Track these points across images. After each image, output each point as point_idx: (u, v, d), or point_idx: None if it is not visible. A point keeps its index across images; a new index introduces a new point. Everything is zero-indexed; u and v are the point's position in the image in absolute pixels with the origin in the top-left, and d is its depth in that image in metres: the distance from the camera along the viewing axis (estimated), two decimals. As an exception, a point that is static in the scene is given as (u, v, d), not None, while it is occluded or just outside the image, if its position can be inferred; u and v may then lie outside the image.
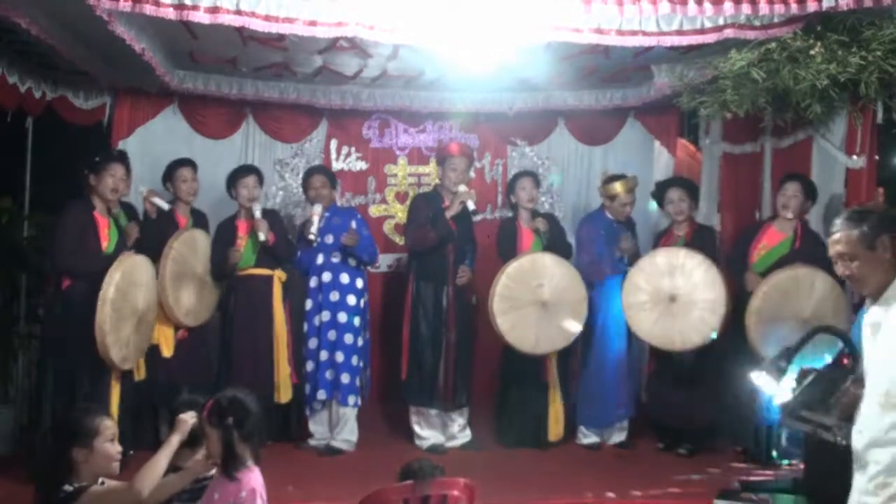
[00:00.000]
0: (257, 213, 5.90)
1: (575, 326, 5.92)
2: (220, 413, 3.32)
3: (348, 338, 5.94)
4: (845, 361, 3.73)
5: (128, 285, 5.08)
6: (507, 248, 6.14)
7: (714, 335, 5.68)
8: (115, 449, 3.21)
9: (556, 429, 6.13)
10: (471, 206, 6.07)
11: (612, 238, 6.17)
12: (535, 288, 5.89)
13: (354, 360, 5.95)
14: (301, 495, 4.96)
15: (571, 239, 6.46)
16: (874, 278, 2.91)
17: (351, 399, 5.92)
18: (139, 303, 5.21)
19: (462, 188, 6.08)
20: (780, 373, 3.46)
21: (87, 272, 5.09)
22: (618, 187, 6.21)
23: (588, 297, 6.01)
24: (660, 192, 6.22)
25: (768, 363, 3.56)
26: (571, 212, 7.07)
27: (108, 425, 3.21)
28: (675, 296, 5.72)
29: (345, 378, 5.91)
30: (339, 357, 5.92)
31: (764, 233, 5.79)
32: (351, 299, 5.98)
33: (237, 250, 5.90)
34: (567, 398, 6.17)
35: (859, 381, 2.98)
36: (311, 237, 5.91)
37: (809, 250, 5.53)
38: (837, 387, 3.14)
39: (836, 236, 2.96)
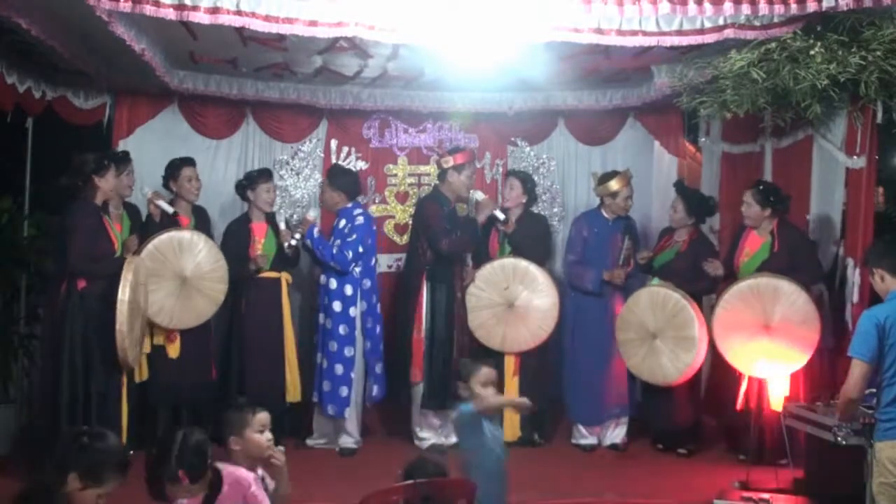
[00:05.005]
0: (282, 224, 6.03)
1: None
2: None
3: (332, 345, 5.93)
4: None
5: (136, 286, 5.11)
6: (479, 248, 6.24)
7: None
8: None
9: (509, 431, 5.84)
10: (500, 215, 6.15)
11: (606, 237, 6.17)
12: (503, 290, 6.04)
13: (339, 370, 5.90)
14: (301, 495, 4.95)
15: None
16: None
17: (331, 409, 5.89)
18: (142, 302, 5.26)
19: (480, 195, 6.19)
20: None
21: (103, 274, 5.12)
22: (615, 184, 6.21)
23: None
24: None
25: None
26: (571, 212, 7.07)
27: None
28: (655, 333, 5.74)
29: (326, 385, 5.92)
30: (324, 363, 5.95)
31: (746, 239, 5.80)
32: (336, 305, 5.95)
33: (264, 255, 5.96)
34: (546, 396, 6.11)
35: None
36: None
37: (788, 251, 5.54)
38: None
39: None
